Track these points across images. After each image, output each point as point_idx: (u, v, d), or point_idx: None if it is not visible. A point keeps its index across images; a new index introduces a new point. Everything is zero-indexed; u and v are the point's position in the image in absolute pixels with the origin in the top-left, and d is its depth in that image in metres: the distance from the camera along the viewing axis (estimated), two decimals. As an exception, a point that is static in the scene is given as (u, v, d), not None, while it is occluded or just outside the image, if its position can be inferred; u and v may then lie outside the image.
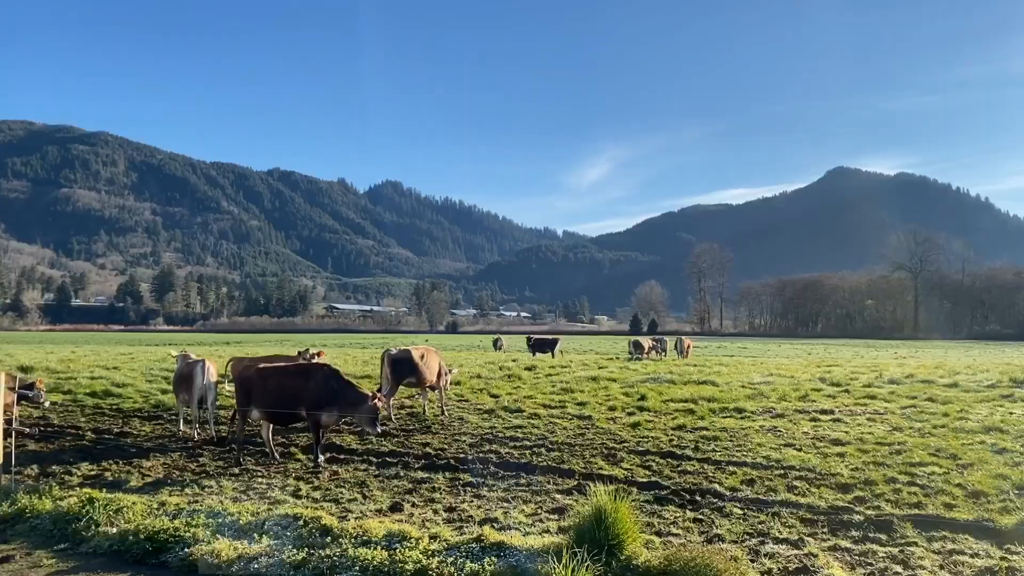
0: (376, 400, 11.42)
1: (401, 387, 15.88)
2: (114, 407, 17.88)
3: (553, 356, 39.83)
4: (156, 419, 16.17)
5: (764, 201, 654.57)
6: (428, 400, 16.72)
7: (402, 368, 15.51)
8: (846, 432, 13.84)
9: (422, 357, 15.69)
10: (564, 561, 5.99)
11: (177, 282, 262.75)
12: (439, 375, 16.17)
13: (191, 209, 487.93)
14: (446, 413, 16.20)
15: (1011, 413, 15.95)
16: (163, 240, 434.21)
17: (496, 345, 56.83)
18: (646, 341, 42.99)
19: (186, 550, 7.08)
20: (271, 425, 12.09)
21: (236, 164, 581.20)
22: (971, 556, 7.00)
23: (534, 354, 40.97)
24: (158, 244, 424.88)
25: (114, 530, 7.65)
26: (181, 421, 14.72)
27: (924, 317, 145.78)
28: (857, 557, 7.04)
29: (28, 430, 11.93)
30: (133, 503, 8.38)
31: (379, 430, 11.67)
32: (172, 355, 15.65)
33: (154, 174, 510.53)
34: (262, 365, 12.71)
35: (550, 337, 47.94)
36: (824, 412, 16.51)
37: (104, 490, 9.04)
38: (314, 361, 16.34)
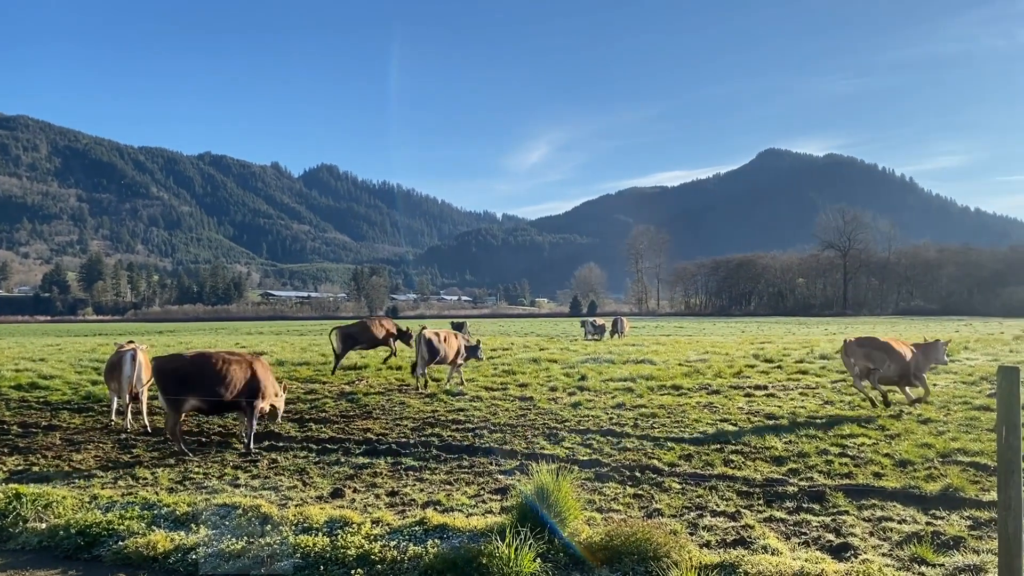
0: (280, 396, 12.46)
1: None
2: (41, 400, 17.26)
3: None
4: (87, 411, 15.67)
5: (698, 183, 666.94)
6: (451, 375, 18.83)
7: (433, 347, 17.89)
8: (779, 407, 14.22)
9: (444, 339, 18.12)
10: (507, 540, 6.00)
11: (106, 271, 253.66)
12: (456, 353, 18.39)
13: (119, 195, 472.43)
14: (464, 384, 18.09)
15: (934, 385, 16.58)
16: (90, 227, 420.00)
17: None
18: (600, 320, 47.48)
19: (120, 543, 6.89)
20: (184, 415, 11.69)
21: (165, 148, 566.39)
22: (899, 522, 7.27)
23: None
24: (85, 232, 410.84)
25: (43, 525, 7.40)
26: (113, 412, 14.30)
27: (853, 294, 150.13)
28: (792, 527, 7.25)
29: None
30: (63, 497, 8.12)
31: (279, 420, 13.01)
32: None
33: (79, 159, 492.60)
34: (193, 354, 12.33)
35: (459, 320, 55.31)
36: (758, 388, 16.93)
37: (32, 485, 8.76)
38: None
